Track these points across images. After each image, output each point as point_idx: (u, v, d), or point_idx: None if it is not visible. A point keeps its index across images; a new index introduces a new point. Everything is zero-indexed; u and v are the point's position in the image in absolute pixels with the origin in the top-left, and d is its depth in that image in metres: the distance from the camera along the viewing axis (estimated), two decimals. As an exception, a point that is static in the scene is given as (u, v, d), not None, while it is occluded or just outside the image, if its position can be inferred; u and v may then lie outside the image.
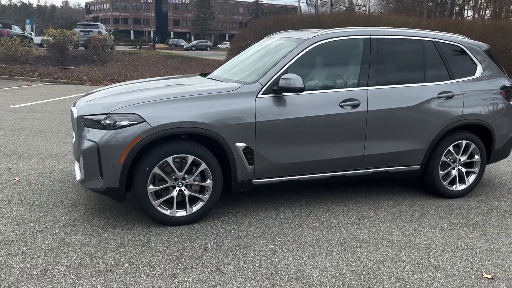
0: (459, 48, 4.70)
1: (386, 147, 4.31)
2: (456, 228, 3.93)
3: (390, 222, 4.02)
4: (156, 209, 3.67)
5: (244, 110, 3.79)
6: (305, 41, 4.17)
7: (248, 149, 3.83)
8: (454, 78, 4.58)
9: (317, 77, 4.26)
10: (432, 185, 4.61)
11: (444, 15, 38.61)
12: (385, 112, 4.23)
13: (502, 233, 3.86)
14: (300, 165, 4.09)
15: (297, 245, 3.51)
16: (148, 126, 3.51)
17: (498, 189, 5.05)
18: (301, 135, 4.00)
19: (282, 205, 4.34)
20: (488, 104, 4.65)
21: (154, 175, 3.62)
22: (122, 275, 2.96)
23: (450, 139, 4.51)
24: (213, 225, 3.81)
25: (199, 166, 3.71)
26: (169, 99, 3.72)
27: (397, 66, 4.48)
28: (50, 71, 16.33)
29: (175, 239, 3.51)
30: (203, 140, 3.76)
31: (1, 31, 24.24)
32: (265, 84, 3.92)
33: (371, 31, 4.41)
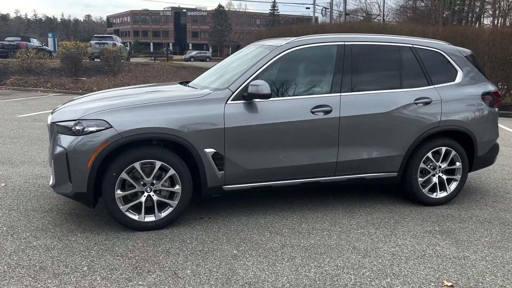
0: (439, 54, 4.65)
1: (360, 154, 4.28)
2: (428, 235, 3.86)
3: (362, 229, 3.98)
4: (124, 214, 3.71)
5: (212, 116, 3.83)
6: (277, 48, 4.20)
7: (217, 154, 3.86)
8: (433, 84, 4.53)
9: (289, 84, 4.28)
10: (411, 192, 4.55)
11: (462, 23, 38.18)
12: (358, 118, 4.21)
13: (476, 241, 3.77)
14: (272, 171, 4.09)
15: (261, 250, 3.50)
16: (115, 132, 3.57)
17: (483, 197, 4.94)
18: (272, 141, 4.02)
19: (256, 211, 4.34)
20: (468, 110, 4.58)
21: (122, 180, 3.68)
22: (78, 278, 3.00)
23: (428, 146, 4.45)
24: (181, 230, 3.84)
25: (167, 171, 3.76)
26: (138, 106, 3.78)
27: (372, 73, 4.46)
28: (62, 82, 16.74)
29: (140, 244, 3.55)
30: (172, 146, 3.81)
31: (20, 44, 25.07)
32: (235, 90, 3.96)
33: (346, 38, 4.41)
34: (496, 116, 4.82)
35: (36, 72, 18.17)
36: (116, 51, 19.54)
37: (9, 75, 17.60)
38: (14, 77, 17.14)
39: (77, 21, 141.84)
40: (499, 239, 3.81)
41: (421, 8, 45.12)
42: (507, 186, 5.39)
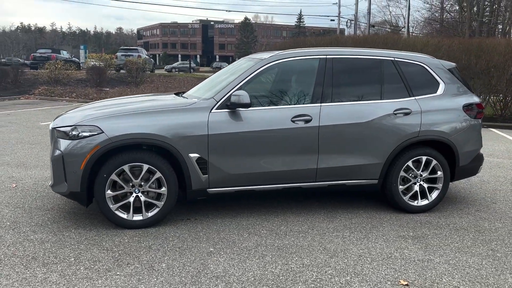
0: (420, 67, 4.83)
1: (340, 161, 4.49)
2: (400, 240, 4.03)
3: (337, 232, 4.18)
4: (114, 213, 4.05)
5: (197, 123, 4.14)
6: (262, 61, 4.49)
7: (201, 159, 4.15)
8: (414, 95, 4.71)
9: (272, 94, 4.55)
10: (392, 199, 4.71)
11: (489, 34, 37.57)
12: (337, 127, 4.43)
13: (445, 246, 3.92)
14: (254, 176, 4.35)
15: (236, 249, 3.76)
16: (106, 137, 3.93)
17: (467, 206, 5.05)
18: (254, 147, 4.29)
19: (241, 214, 4.60)
20: (449, 121, 4.73)
21: (112, 181, 4.01)
22: (64, 267, 3.33)
23: (408, 155, 4.62)
24: (166, 229, 4.14)
25: (154, 174, 4.08)
26: (129, 113, 4.13)
27: (352, 85, 4.68)
28: (87, 92, 17.50)
29: (126, 240, 3.87)
30: (160, 150, 4.13)
31: (50, 56, 26.28)
32: (219, 100, 4.26)
33: (328, 52, 4.66)
34: (478, 127, 4.94)
35: (63, 82, 19.06)
36: (139, 62, 20.27)
37: (38, 85, 18.54)
38: (42, 87, 18.04)
39: (109, 33, 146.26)
40: (469, 245, 3.94)
41: (447, 20, 44.66)
42: (495, 196, 5.46)
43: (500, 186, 5.91)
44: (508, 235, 4.20)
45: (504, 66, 12.74)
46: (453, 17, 44.44)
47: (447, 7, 44.29)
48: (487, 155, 7.98)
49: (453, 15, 44.49)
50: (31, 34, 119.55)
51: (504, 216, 4.72)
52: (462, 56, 13.16)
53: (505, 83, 12.85)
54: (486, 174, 6.58)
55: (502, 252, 3.81)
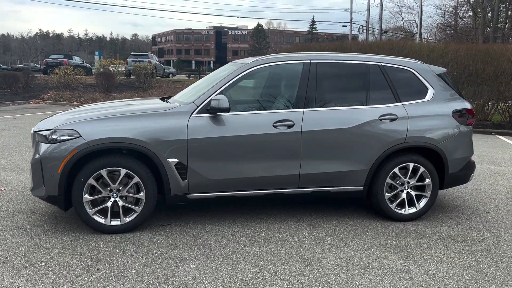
0: (408, 72, 4.73)
1: (323, 167, 4.40)
2: (381, 249, 3.92)
3: (318, 240, 4.09)
4: (91, 217, 4.02)
5: (176, 128, 4.10)
6: (244, 66, 4.44)
7: (180, 164, 4.11)
8: (401, 101, 4.60)
9: (255, 99, 4.51)
10: (378, 207, 4.60)
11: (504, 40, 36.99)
12: (320, 133, 4.35)
13: (427, 256, 3.80)
14: (235, 182, 4.29)
15: (210, 255, 3.69)
16: (83, 141, 3.91)
17: (458, 215, 4.91)
18: (234, 152, 4.23)
19: (223, 220, 4.54)
20: (437, 127, 4.61)
21: (90, 185, 3.99)
22: (33, 272, 3.31)
23: (394, 162, 4.51)
24: (144, 234, 4.09)
25: (132, 179, 4.05)
26: (108, 118, 4.12)
27: (337, 90, 4.60)
28: (95, 97, 17.66)
29: (101, 245, 3.83)
30: (139, 155, 4.10)
31: (62, 61, 26.68)
32: (199, 104, 4.22)
33: (312, 57, 4.59)
34: (469, 134, 4.81)
35: (72, 87, 19.29)
36: (147, 68, 20.42)
37: (48, 90, 18.79)
38: (52, 92, 18.28)
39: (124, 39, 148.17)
40: (452, 256, 3.82)
41: (460, 25, 44.15)
42: (490, 205, 5.30)
43: (497, 195, 5.75)
44: (495, 245, 4.06)
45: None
46: (466, 23, 43.93)
47: (461, 13, 43.81)
48: (489, 163, 7.80)
49: (467, 21, 43.98)
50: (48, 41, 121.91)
51: (495, 226, 4.57)
52: (469, 62, 12.95)
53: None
54: (485, 182, 6.41)
55: (485, 264, 3.67)
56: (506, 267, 3.61)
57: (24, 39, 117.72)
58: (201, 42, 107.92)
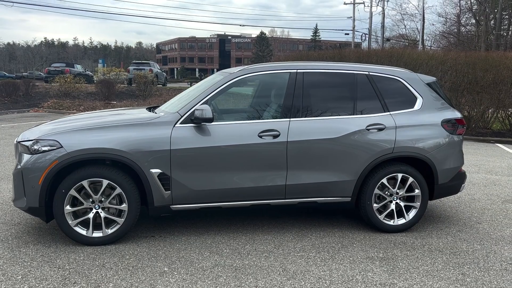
0: (397, 81, 4.67)
1: (310, 178, 4.34)
2: (367, 261, 3.84)
3: (303, 252, 4.01)
4: (72, 229, 3.97)
5: (159, 138, 4.05)
6: (230, 75, 4.40)
7: (163, 175, 4.06)
8: (389, 110, 4.54)
9: (241, 108, 4.45)
10: (366, 218, 4.53)
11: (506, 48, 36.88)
12: (306, 143, 4.29)
13: (414, 269, 3.71)
14: (220, 192, 4.23)
15: (191, 268, 3.63)
16: (64, 151, 3.87)
17: (449, 226, 4.82)
18: (219, 163, 4.17)
19: (209, 231, 4.47)
20: (426, 137, 4.54)
21: (71, 197, 3.94)
22: (8, 285, 3.25)
23: (382, 172, 4.44)
24: (126, 246, 4.03)
25: (115, 190, 4.00)
26: (91, 128, 4.08)
27: (324, 99, 4.54)
28: (94, 106, 17.70)
29: (81, 258, 3.77)
30: (122, 166, 4.05)
31: (64, 70, 26.81)
32: (183, 114, 4.18)
33: (299, 66, 4.54)
34: (459, 143, 4.74)
35: (72, 96, 19.36)
36: (147, 76, 20.47)
37: (48, 98, 18.86)
38: (52, 100, 18.34)
39: (129, 48, 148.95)
40: (439, 269, 3.73)
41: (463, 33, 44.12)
42: (482, 216, 5.21)
43: (490, 205, 5.65)
44: (484, 258, 3.97)
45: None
46: (469, 30, 43.90)
47: (463, 21, 43.80)
48: (486, 172, 7.70)
49: (469, 29, 43.96)
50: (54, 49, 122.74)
51: (485, 238, 4.48)
52: (468, 70, 12.87)
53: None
54: (479, 191, 6.32)
55: (472, 277, 3.58)
56: (493, 281, 3.52)
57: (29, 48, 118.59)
58: (204, 50, 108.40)
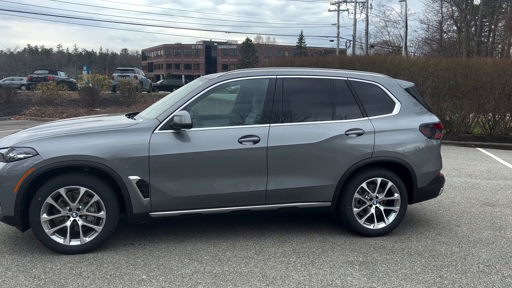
0: (375, 87, 4.72)
1: (290, 183, 4.34)
2: (347, 266, 3.85)
3: (283, 258, 4.01)
4: (49, 238, 3.90)
5: (137, 144, 4.02)
6: (209, 81, 4.40)
7: (142, 182, 4.02)
8: (368, 116, 4.58)
9: (221, 114, 4.45)
10: (347, 222, 4.55)
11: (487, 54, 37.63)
12: (286, 148, 4.30)
13: (392, 273, 3.73)
14: (200, 199, 4.21)
15: (170, 276, 3.59)
16: (40, 159, 3.82)
17: (429, 229, 4.86)
18: (198, 169, 4.15)
19: (189, 238, 4.44)
20: (405, 142, 4.59)
21: (48, 205, 3.88)
22: (-19, 296, 3.18)
23: (362, 176, 4.47)
24: (105, 255, 3.98)
25: (92, 197, 3.95)
26: (68, 135, 4.03)
27: (304, 105, 4.56)
28: (78, 113, 17.51)
29: (58, 267, 3.71)
30: (100, 173, 4.01)
31: (47, 76, 26.51)
32: (162, 120, 4.16)
33: (278, 72, 4.57)
34: (437, 148, 4.80)
35: (55, 103, 19.14)
36: (131, 83, 20.36)
37: (30, 106, 18.61)
38: (34, 107, 18.11)
39: (114, 54, 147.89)
40: (418, 272, 3.76)
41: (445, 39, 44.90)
42: (461, 219, 5.27)
43: (470, 208, 5.72)
44: (462, 260, 4.01)
45: (491, 86, 12.63)
46: (451, 37, 44.70)
47: (445, 28, 44.58)
48: (466, 176, 7.81)
49: (451, 35, 44.75)
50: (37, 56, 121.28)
51: (464, 240, 4.53)
52: (449, 76, 13.08)
53: (493, 103, 12.71)
54: (459, 195, 6.40)
55: (450, 279, 3.62)
56: (470, 283, 3.56)
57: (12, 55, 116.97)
58: (191, 57, 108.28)
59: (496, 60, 14.57)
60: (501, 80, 12.58)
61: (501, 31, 40.78)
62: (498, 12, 39.86)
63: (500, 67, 12.74)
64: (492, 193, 6.57)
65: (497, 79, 12.62)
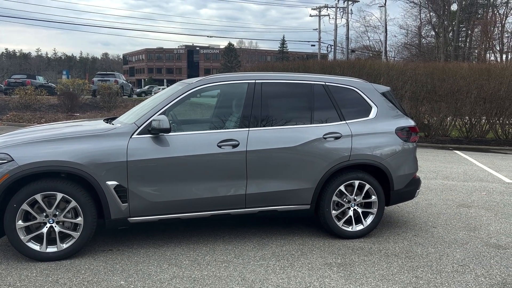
0: (352, 91, 4.80)
1: (269, 186, 4.38)
2: (325, 267, 3.89)
3: (263, 261, 4.03)
4: (25, 245, 3.84)
5: (114, 149, 4.00)
6: (188, 85, 4.41)
7: (120, 187, 4.00)
8: (345, 119, 4.65)
9: (200, 118, 4.46)
10: (326, 225, 4.60)
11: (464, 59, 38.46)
12: (265, 152, 4.33)
13: (370, 274, 3.79)
14: (179, 204, 4.20)
15: (149, 281, 3.58)
16: (16, 165, 3.77)
17: (406, 231, 4.94)
18: (177, 174, 4.15)
19: (168, 243, 4.42)
20: (381, 145, 4.67)
21: (24, 211, 3.83)
22: (-47, 305, 3.12)
23: (340, 179, 4.53)
24: (82, 261, 3.94)
25: (70, 203, 3.91)
26: (44, 140, 3.98)
27: (282, 109, 4.61)
28: (57, 118, 17.25)
29: (34, 274, 3.66)
30: (76, 178, 3.97)
31: (25, 81, 26.04)
32: (140, 125, 4.15)
33: (257, 76, 4.61)
34: (413, 150, 4.90)
35: (33, 108, 18.81)
36: (112, 87, 20.16)
37: (8, 111, 18.25)
38: (11, 113, 17.77)
39: (95, 59, 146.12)
40: (394, 272, 3.82)
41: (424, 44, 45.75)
42: (437, 220, 5.38)
43: (446, 210, 5.84)
44: (437, 261, 4.09)
45: (468, 90, 12.93)
46: (429, 42, 45.57)
47: (423, 33, 45.44)
48: (443, 178, 7.96)
49: (429, 40, 45.63)
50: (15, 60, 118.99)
51: (439, 241, 4.62)
52: (427, 80, 13.36)
53: (469, 106, 13.01)
54: (436, 197, 6.53)
55: (425, 280, 3.69)
56: (445, 283, 3.63)
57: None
58: (172, 61, 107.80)
59: (471, 64, 14.91)
60: (476, 84, 12.90)
61: (477, 36, 41.77)
62: (474, 18, 40.82)
63: (475, 71, 13.06)
64: (467, 194, 6.72)
65: (473, 83, 12.94)
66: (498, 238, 4.75)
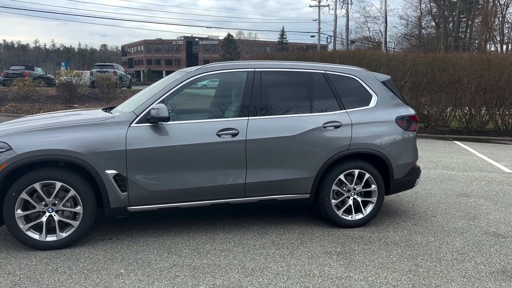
0: (352, 80, 4.77)
1: (269, 175, 4.36)
2: (325, 256, 3.90)
3: (262, 249, 4.03)
4: (24, 233, 3.84)
5: (113, 138, 3.98)
6: (187, 74, 4.38)
7: (119, 176, 3.99)
8: (345, 108, 4.63)
9: (199, 107, 4.44)
10: (325, 214, 4.59)
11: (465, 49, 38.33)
12: (264, 141, 4.31)
13: (369, 262, 3.79)
14: (179, 192, 4.19)
15: (148, 270, 3.58)
16: (14, 154, 3.75)
17: (406, 220, 4.95)
18: (176, 163, 4.14)
19: (168, 232, 4.42)
20: (381, 134, 4.65)
21: (23, 200, 3.82)
22: (-47, 293, 3.12)
23: (340, 168, 4.52)
24: (82, 250, 3.94)
25: (69, 192, 3.90)
26: (43, 129, 3.96)
27: (282, 98, 4.58)
28: (55, 109, 17.19)
29: (33, 262, 3.66)
30: (76, 167, 3.95)
31: (24, 72, 25.93)
32: (139, 114, 4.12)
33: (257, 65, 4.57)
34: (413, 140, 4.88)
35: (32, 99, 18.75)
36: (110, 79, 20.08)
37: (6, 102, 18.18)
38: (10, 104, 17.71)
39: (93, 50, 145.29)
40: (394, 261, 3.83)
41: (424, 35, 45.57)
42: (437, 209, 5.38)
43: (445, 199, 5.84)
44: (437, 249, 4.10)
45: (468, 80, 12.89)
46: (429, 33, 45.37)
47: (424, 23, 45.23)
48: (443, 168, 7.96)
49: (430, 31, 45.43)
50: (13, 51, 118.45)
51: (439, 230, 4.62)
52: (427, 70, 13.30)
53: (469, 97, 12.97)
54: (436, 186, 6.53)
55: (425, 267, 3.69)
56: (444, 271, 3.64)
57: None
58: (171, 52, 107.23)
59: (472, 55, 14.83)
60: (477, 74, 12.86)
61: (477, 27, 41.57)
62: (474, 9, 40.63)
63: (476, 62, 13.00)
64: (467, 184, 6.72)
65: (473, 74, 12.89)
66: (498, 227, 4.76)
